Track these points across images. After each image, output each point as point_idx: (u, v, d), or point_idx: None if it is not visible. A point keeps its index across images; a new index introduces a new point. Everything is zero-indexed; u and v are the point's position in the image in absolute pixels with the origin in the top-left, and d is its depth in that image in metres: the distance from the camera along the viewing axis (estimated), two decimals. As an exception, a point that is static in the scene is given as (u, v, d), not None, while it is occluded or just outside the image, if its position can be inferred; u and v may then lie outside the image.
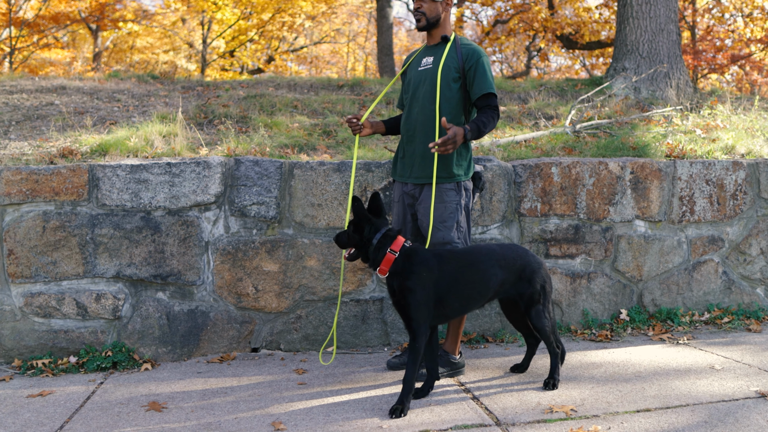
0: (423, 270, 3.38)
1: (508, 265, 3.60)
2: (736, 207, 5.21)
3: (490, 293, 3.60)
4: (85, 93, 7.41)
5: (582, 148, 5.67)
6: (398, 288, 3.40)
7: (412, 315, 3.36)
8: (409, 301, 3.36)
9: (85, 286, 4.30)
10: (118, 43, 23.33)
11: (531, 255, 3.72)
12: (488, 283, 3.55)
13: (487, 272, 3.54)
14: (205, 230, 4.41)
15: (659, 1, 8.47)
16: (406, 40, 27.02)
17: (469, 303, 3.58)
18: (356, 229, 3.48)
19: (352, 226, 3.50)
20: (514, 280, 3.62)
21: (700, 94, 8.70)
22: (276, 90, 8.07)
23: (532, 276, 3.63)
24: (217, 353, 4.46)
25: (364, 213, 3.47)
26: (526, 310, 3.66)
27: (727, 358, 4.18)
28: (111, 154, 5.03)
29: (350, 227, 3.51)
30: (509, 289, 3.65)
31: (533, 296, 3.64)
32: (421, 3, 3.80)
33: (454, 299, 3.47)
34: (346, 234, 3.54)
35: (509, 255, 3.65)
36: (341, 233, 3.57)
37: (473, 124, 3.63)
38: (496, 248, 3.70)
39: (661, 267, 5.07)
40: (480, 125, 3.65)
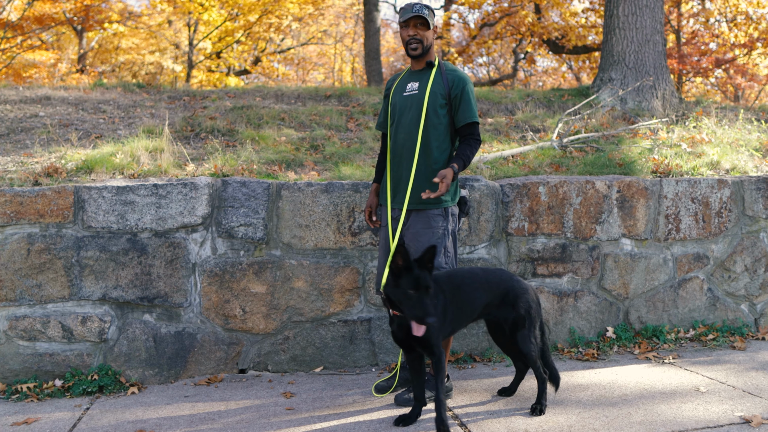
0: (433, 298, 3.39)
1: (491, 289, 3.63)
2: (721, 224, 5.26)
3: (474, 315, 3.65)
4: (70, 104, 7.35)
5: (569, 165, 5.70)
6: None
7: (433, 342, 3.40)
8: (431, 332, 3.37)
9: (70, 309, 4.27)
10: (104, 43, 23.14)
11: (515, 279, 3.73)
12: (473, 305, 3.59)
13: (472, 295, 3.58)
14: (192, 252, 4.39)
15: (645, 12, 8.53)
16: (393, 42, 27.01)
17: (456, 325, 3.62)
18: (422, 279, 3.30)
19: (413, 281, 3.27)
20: (498, 304, 3.64)
21: (685, 105, 8.77)
22: (263, 100, 8.04)
23: (515, 300, 3.64)
24: (205, 375, 4.44)
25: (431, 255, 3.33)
26: (512, 335, 3.67)
27: (712, 379, 4.21)
28: (97, 171, 4.99)
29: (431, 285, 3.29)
30: (494, 312, 3.67)
31: (517, 321, 3.64)
32: (417, 31, 3.81)
33: (448, 322, 3.52)
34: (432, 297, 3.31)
35: (492, 279, 3.68)
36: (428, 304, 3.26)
37: (459, 161, 3.69)
38: (479, 272, 3.73)
39: (647, 285, 5.11)
40: (465, 159, 3.72)
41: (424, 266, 3.30)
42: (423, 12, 3.77)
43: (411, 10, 3.81)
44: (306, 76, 26.20)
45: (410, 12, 3.80)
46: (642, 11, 8.52)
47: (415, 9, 3.79)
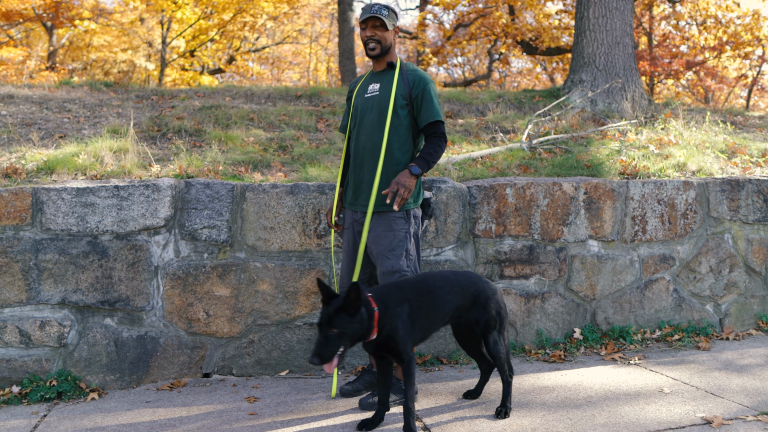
0: (397, 307, 3.36)
1: (462, 291, 3.61)
2: (687, 226, 5.30)
3: (446, 318, 3.62)
4: (34, 102, 7.21)
5: (537, 166, 5.71)
6: (382, 336, 3.32)
7: (402, 349, 3.35)
8: (397, 340, 3.32)
9: (28, 314, 4.17)
10: (75, 41, 22.78)
11: (485, 281, 3.72)
12: (444, 309, 3.56)
13: (444, 298, 3.55)
14: (154, 255, 4.31)
15: (615, 15, 8.59)
16: (369, 41, 26.92)
17: (429, 329, 3.57)
18: (351, 321, 3.17)
19: (344, 319, 3.14)
20: (469, 306, 3.62)
21: (654, 106, 8.85)
22: (233, 100, 7.96)
23: (486, 302, 3.64)
24: (168, 379, 4.36)
25: (357, 294, 3.16)
26: (483, 337, 3.66)
27: (676, 380, 4.24)
28: (58, 172, 4.89)
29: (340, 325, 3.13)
30: (464, 315, 3.65)
31: (488, 322, 3.63)
32: (375, 31, 3.79)
33: (418, 327, 3.46)
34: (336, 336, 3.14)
35: (463, 281, 3.66)
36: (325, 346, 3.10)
37: (421, 160, 3.67)
38: (449, 275, 3.70)
39: (613, 286, 5.13)
40: (428, 158, 3.69)
41: (347, 306, 3.14)
42: (381, 13, 3.75)
43: (369, 10, 3.79)
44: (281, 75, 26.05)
45: (368, 12, 3.78)
46: (612, 14, 8.59)
47: (373, 9, 3.78)
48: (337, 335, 3.13)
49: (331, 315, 3.15)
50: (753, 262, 5.47)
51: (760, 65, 20.44)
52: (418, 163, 3.64)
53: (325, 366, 3.12)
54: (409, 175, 3.58)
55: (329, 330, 3.13)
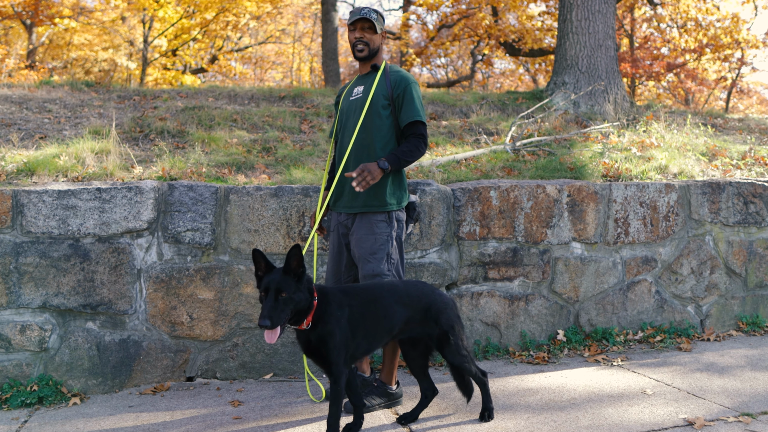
0: (337, 310, 3.24)
1: (411, 303, 3.45)
2: (669, 228, 5.35)
3: (394, 330, 3.44)
4: (14, 102, 7.11)
5: (521, 168, 5.74)
6: (316, 335, 3.21)
7: (333, 359, 3.20)
8: (330, 346, 3.19)
9: (8, 318, 4.11)
10: (55, 39, 22.52)
11: (437, 294, 3.58)
12: (391, 320, 3.40)
13: (390, 308, 3.39)
14: (137, 258, 4.27)
15: (598, 18, 8.66)
16: (352, 42, 26.90)
17: (373, 341, 3.42)
18: (298, 287, 3.07)
19: (291, 283, 3.05)
20: (420, 319, 3.46)
21: (636, 109, 8.93)
22: (216, 101, 7.91)
23: (438, 316, 3.48)
24: (151, 383, 4.33)
25: (299, 257, 3.07)
26: (440, 351, 3.53)
27: (659, 382, 4.28)
28: (39, 174, 4.83)
29: (287, 288, 3.03)
30: (416, 329, 3.49)
31: (441, 337, 3.48)
32: (363, 33, 3.80)
33: (361, 338, 3.33)
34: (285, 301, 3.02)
35: (413, 293, 3.50)
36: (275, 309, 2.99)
37: (392, 156, 3.63)
38: (399, 285, 3.55)
39: (597, 288, 5.17)
40: (400, 155, 3.65)
41: (289, 270, 3.06)
42: (371, 15, 3.78)
43: (359, 12, 3.81)
44: (264, 75, 25.94)
45: (357, 14, 3.80)
46: (594, 17, 8.65)
47: (363, 12, 3.80)
48: (285, 300, 3.01)
49: (279, 279, 3.03)
50: (733, 263, 5.54)
51: (739, 68, 20.71)
52: (388, 159, 3.60)
53: (268, 333, 2.97)
54: (377, 167, 3.53)
55: (278, 294, 3.01)
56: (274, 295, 3.00)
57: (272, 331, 2.97)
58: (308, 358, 3.36)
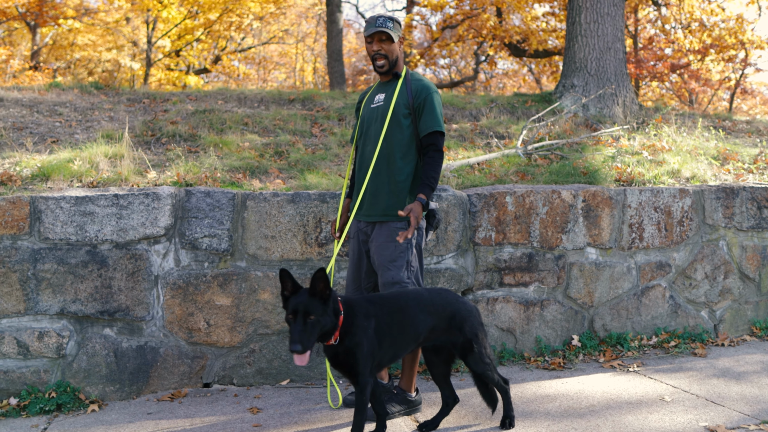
0: (364, 320, 3.24)
1: (436, 312, 3.45)
2: (683, 233, 5.35)
3: (419, 339, 3.45)
4: (25, 105, 7.11)
5: (534, 173, 5.73)
6: (344, 347, 3.20)
7: (360, 370, 3.21)
8: (358, 357, 3.20)
9: (26, 324, 4.11)
10: (58, 39, 22.52)
11: (461, 302, 3.58)
12: (417, 329, 3.41)
13: (415, 317, 3.39)
14: (154, 264, 4.27)
15: (607, 21, 8.64)
16: (356, 42, 26.92)
17: (398, 349, 3.43)
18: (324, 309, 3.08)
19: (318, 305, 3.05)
20: (444, 328, 3.47)
21: (645, 111, 8.91)
22: (225, 103, 7.90)
23: (462, 324, 3.48)
24: (168, 390, 4.32)
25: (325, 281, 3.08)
26: (463, 359, 3.52)
27: (676, 388, 4.27)
28: (54, 179, 4.83)
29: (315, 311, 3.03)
30: (441, 337, 3.49)
31: (465, 345, 3.48)
32: (381, 45, 3.76)
33: (387, 347, 3.34)
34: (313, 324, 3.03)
35: (438, 301, 3.50)
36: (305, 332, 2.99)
37: (426, 188, 3.64)
38: (424, 293, 3.55)
39: (611, 293, 5.17)
40: (430, 182, 3.66)
41: (315, 292, 3.07)
42: (387, 26, 3.72)
43: (375, 24, 3.74)
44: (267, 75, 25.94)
45: (374, 27, 3.73)
46: (603, 19, 8.63)
47: (379, 23, 3.73)
48: (313, 322, 3.02)
49: (306, 302, 3.04)
50: (747, 268, 5.53)
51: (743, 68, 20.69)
52: (424, 192, 3.61)
53: (299, 357, 2.97)
54: (419, 207, 3.58)
55: (306, 317, 3.01)
56: (303, 319, 3.01)
57: (302, 355, 2.98)
58: (334, 368, 3.34)
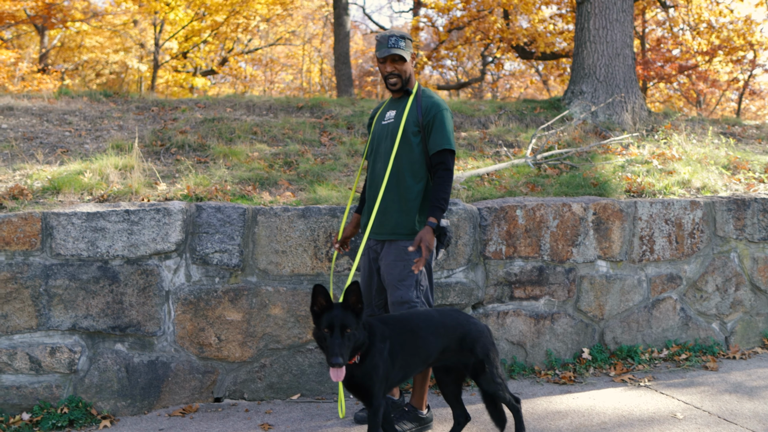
0: (380, 343, 3.23)
1: (447, 333, 3.44)
2: (694, 245, 5.33)
3: (430, 360, 3.45)
4: (34, 114, 7.13)
5: (544, 184, 5.72)
6: (360, 369, 3.19)
7: (375, 392, 3.19)
8: (374, 380, 3.18)
9: (38, 340, 4.13)
10: (66, 41, 22.61)
11: (472, 322, 3.56)
12: (428, 350, 3.40)
13: (426, 339, 3.39)
14: (165, 279, 4.28)
15: (616, 27, 8.61)
16: (363, 43, 26.92)
17: (409, 370, 3.42)
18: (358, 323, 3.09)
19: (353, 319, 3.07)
20: (455, 349, 3.45)
21: (654, 118, 8.88)
22: (234, 111, 7.91)
23: (473, 345, 3.46)
24: (179, 405, 4.33)
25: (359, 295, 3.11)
26: (475, 379, 3.51)
27: (688, 404, 4.25)
28: (64, 192, 4.84)
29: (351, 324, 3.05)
30: (451, 358, 3.49)
31: (477, 366, 3.47)
32: (394, 66, 3.74)
33: (398, 368, 3.33)
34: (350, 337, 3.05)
35: (449, 322, 3.48)
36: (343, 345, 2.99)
37: (436, 210, 3.59)
38: (435, 314, 3.53)
39: (621, 305, 5.15)
40: (440, 204, 3.61)
41: (348, 306, 3.09)
42: (399, 45, 3.69)
43: (387, 44, 3.71)
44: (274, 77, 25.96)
45: (386, 49, 3.70)
46: (612, 25, 8.61)
47: (391, 43, 3.70)
48: (350, 336, 3.03)
49: (343, 315, 3.04)
50: (758, 280, 5.50)
51: (752, 69, 20.59)
52: (434, 215, 3.57)
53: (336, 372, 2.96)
54: (430, 232, 3.53)
55: (344, 330, 3.02)
56: (341, 332, 3.00)
57: (340, 369, 2.96)
58: (347, 389, 3.33)
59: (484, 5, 17.29)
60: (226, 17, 20.82)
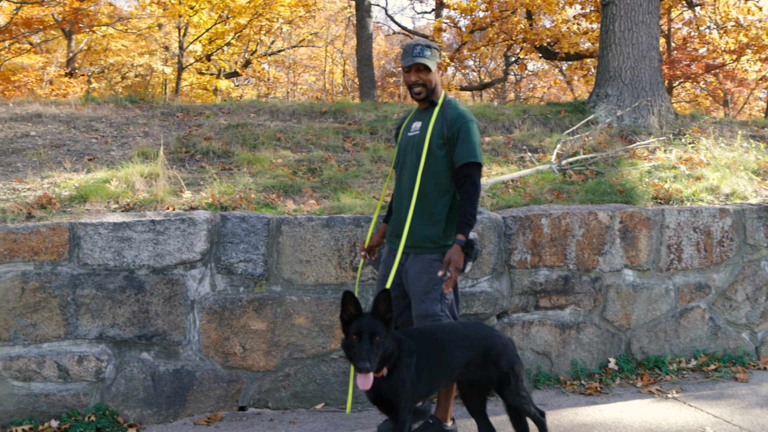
0: (407, 356, 3.20)
1: (471, 346, 3.41)
2: (723, 254, 5.24)
3: (455, 373, 3.43)
4: (62, 121, 7.23)
5: (569, 191, 5.66)
6: (388, 383, 3.16)
7: (401, 407, 3.17)
8: (401, 395, 3.16)
9: (66, 348, 4.17)
10: (93, 45, 22.91)
11: (496, 335, 3.53)
12: (452, 364, 3.37)
13: (451, 352, 3.36)
14: (190, 289, 4.30)
15: (641, 29, 8.50)
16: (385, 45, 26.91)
17: (434, 384, 3.40)
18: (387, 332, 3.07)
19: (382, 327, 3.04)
20: (479, 362, 3.43)
21: (681, 121, 8.75)
22: (257, 116, 7.95)
23: (498, 358, 3.43)
24: (204, 413, 4.36)
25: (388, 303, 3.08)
26: (499, 393, 3.49)
27: (718, 418, 4.18)
28: (91, 201, 4.90)
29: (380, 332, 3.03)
30: (476, 372, 3.46)
31: (502, 379, 3.44)
32: (419, 76, 3.67)
33: (424, 381, 3.30)
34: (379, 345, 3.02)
35: (473, 336, 3.45)
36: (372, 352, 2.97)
37: (463, 226, 3.53)
38: (459, 327, 3.50)
39: (649, 315, 5.08)
40: (468, 219, 3.54)
41: (378, 314, 3.07)
42: (424, 55, 3.62)
43: (411, 53, 3.65)
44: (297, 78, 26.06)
45: (411, 58, 3.64)
46: (638, 27, 8.49)
47: (416, 52, 3.63)
48: (378, 343, 3.00)
49: (372, 323, 3.02)
50: (790, 289, 5.40)
51: (781, 68, 20.21)
52: (462, 231, 3.51)
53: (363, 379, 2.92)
54: (459, 250, 3.49)
55: (373, 337, 2.99)
56: (369, 339, 2.97)
57: (367, 375, 2.93)
58: (373, 404, 3.31)
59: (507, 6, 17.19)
60: (249, 20, 20.95)
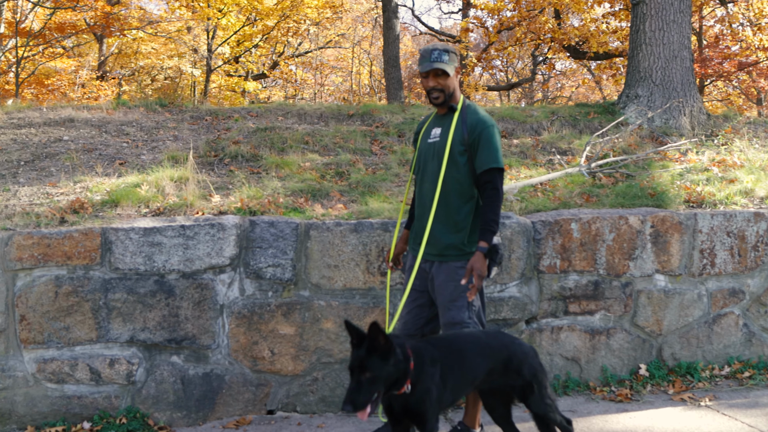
0: (430, 366, 3.17)
1: (493, 355, 3.37)
2: (758, 258, 5.13)
3: (476, 382, 3.39)
4: (94, 126, 7.34)
5: (599, 194, 5.59)
6: (413, 396, 3.12)
7: (429, 417, 3.14)
8: (427, 405, 3.13)
9: (98, 352, 4.24)
10: (123, 48, 23.26)
11: (517, 343, 3.49)
12: (474, 371, 3.33)
13: (473, 361, 3.33)
14: (219, 293, 4.34)
15: (673, 28, 8.36)
16: (411, 45, 26.89)
17: (458, 393, 3.37)
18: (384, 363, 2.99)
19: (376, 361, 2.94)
20: (501, 371, 3.39)
21: (713, 121, 8.59)
22: (285, 119, 7.99)
23: (519, 367, 3.39)
24: (233, 416, 4.39)
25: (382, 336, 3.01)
26: (524, 401, 3.45)
27: (753, 427, 4.10)
28: (122, 205, 4.97)
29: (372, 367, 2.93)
30: (498, 380, 3.42)
31: (524, 388, 3.41)
32: (437, 81, 3.62)
33: (449, 390, 3.26)
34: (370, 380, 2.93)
35: (494, 344, 3.41)
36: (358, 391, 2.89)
37: (486, 233, 3.48)
38: (481, 336, 3.48)
39: (680, 321, 5.00)
40: (491, 225, 3.49)
41: (374, 347, 2.94)
42: (442, 59, 3.57)
43: (429, 58, 3.60)
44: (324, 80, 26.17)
45: (428, 63, 3.59)
46: (669, 27, 8.36)
47: (434, 57, 3.58)
48: (371, 379, 2.93)
49: (363, 358, 2.95)
50: (827, 295, 5.27)
51: (817, 65, 19.76)
52: (485, 238, 3.47)
53: (358, 413, 2.91)
54: (481, 258, 3.44)
55: (362, 374, 2.93)
56: (357, 377, 2.93)
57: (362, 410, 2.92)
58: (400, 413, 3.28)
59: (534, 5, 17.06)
60: (277, 22, 21.10)
